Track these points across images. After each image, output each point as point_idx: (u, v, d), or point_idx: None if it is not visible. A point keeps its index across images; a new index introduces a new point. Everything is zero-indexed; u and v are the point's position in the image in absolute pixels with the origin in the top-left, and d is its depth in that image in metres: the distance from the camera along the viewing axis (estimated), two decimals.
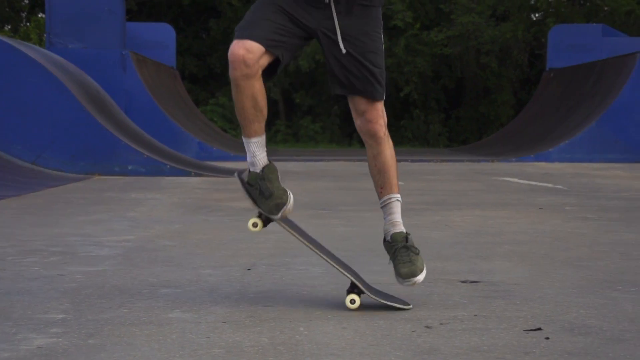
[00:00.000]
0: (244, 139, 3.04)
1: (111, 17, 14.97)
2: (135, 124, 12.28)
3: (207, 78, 26.96)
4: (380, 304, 3.03)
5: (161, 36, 19.36)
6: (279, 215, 2.96)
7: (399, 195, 3.25)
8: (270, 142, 24.69)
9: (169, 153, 11.89)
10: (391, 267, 3.16)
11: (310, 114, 26.35)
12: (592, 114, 16.38)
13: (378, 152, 3.13)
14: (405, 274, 3.05)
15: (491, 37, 23.85)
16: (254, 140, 3.02)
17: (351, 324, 2.80)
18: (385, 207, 3.25)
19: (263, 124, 3.03)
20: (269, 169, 3.02)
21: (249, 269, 3.85)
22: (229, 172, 11.55)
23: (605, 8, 24.42)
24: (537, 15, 26.15)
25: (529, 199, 7.86)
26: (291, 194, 3.03)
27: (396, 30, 24.63)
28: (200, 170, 11.22)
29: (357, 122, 3.10)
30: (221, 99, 24.52)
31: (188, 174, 10.79)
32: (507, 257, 4.30)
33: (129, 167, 10.77)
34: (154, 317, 2.88)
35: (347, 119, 26.84)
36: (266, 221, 3.02)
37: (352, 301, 3.00)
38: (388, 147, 3.14)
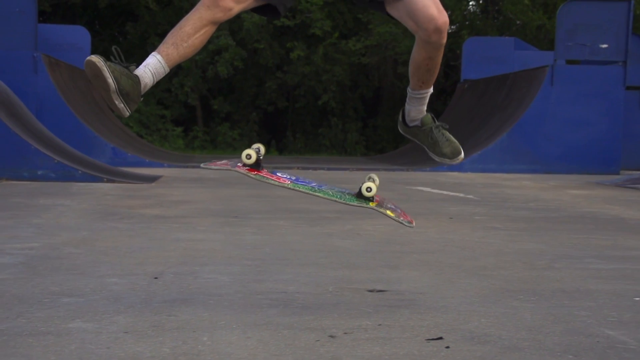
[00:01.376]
0: (155, 54, 2.95)
1: (22, 18, 14.60)
2: (46, 128, 11.99)
3: None
4: None
5: (76, 39, 18.98)
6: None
7: (432, 89, 3.27)
8: (187, 149, 24.46)
9: (81, 158, 11.65)
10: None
11: (229, 120, 26.23)
12: (504, 125, 16.75)
13: (436, 54, 3.05)
14: (451, 152, 3.19)
15: (408, 47, 24.16)
16: (158, 56, 2.93)
17: (255, 334, 2.79)
18: (421, 98, 3.25)
19: (177, 56, 2.96)
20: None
21: (155, 278, 3.80)
22: (143, 179, 11.40)
23: (518, 22, 25.05)
24: (452, 27, 26.63)
25: (440, 209, 7.98)
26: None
27: (315, 39, 24.75)
28: (113, 176, 11.03)
29: (423, 25, 2.93)
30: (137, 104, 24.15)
31: (100, 180, 10.59)
32: (414, 267, 4.36)
33: (39, 172, 10.51)
34: (53, 327, 2.81)
35: (265, 126, 26.82)
36: (258, 154, 3.09)
37: (369, 189, 3.12)
38: (442, 52, 3.07)
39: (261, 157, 3.07)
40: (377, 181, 3.13)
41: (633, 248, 5.20)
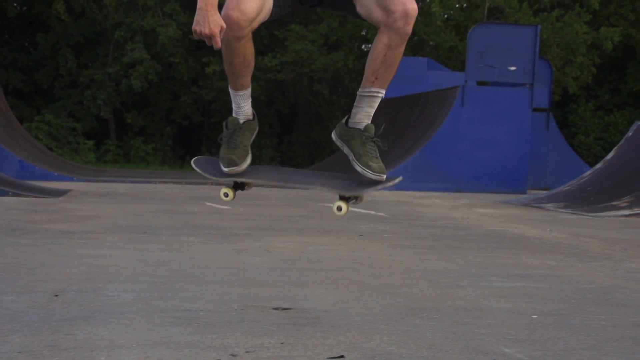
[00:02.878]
0: (230, 90, 3.08)
1: None
2: None
3: (33, 94, 25.95)
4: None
5: None
6: (227, 170, 3.03)
7: (384, 93, 3.16)
8: (100, 162, 24.03)
9: None
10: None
11: (142, 134, 25.88)
12: (416, 143, 17.01)
13: (397, 44, 3.02)
14: (376, 168, 3.11)
15: (323, 65, 24.35)
16: (240, 93, 3.12)
17: (155, 353, 2.75)
18: (369, 97, 3.14)
19: (250, 77, 3.07)
20: (249, 124, 3.05)
21: (56, 295, 3.71)
22: (50, 193, 11.13)
23: (431, 43, 25.50)
24: (368, 46, 26.95)
25: (351, 226, 8.03)
26: (249, 159, 3.10)
27: None
28: (19, 190, 10.74)
29: (392, 8, 2.96)
30: (47, 116, 23.67)
31: (5, 194, 10.30)
32: (321, 284, 4.37)
33: None
34: None
35: (180, 141, 26.56)
36: (236, 188, 3.02)
37: (339, 208, 2.95)
38: (404, 45, 3.05)
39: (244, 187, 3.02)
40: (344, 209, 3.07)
41: (534, 266, 5.33)
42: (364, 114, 3.14)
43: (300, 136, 26.93)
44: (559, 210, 11.37)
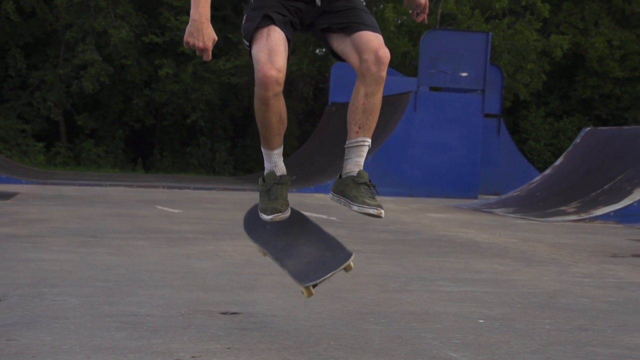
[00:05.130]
0: (265, 150, 3.16)
1: None
2: None
3: None
4: None
5: None
6: (270, 217, 3.05)
7: (370, 141, 3.18)
8: (50, 165, 23.70)
9: None
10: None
11: (94, 137, 25.59)
12: (370, 148, 17.06)
13: (374, 91, 3.05)
14: (373, 203, 3.06)
15: None
16: (276, 151, 3.16)
17: (99, 358, 2.71)
18: (356, 147, 3.15)
19: (283, 135, 3.11)
20: (285, 178, 3.16)
21: None
22: None
23: None
24: (322, 50, 27.00)
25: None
26: (290, 209, 3.11)
27: (184, 57, 24.54)
28: None
29: (364, 56, 3.03)
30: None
31: None
32: (271, 289, 4.36)
33: None
34: None
35: (131, 143, 26.31)
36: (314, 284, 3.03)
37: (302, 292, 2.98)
38: (382, 90, 3.08)
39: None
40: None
41: (483, 271, 5.38)
42: (354, 164, 3.17)
43: (254, 140, 26.85)
44: (508, 215, 11.50)
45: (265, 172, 3.18)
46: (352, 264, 3.16)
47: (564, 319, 3.74)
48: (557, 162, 13.99)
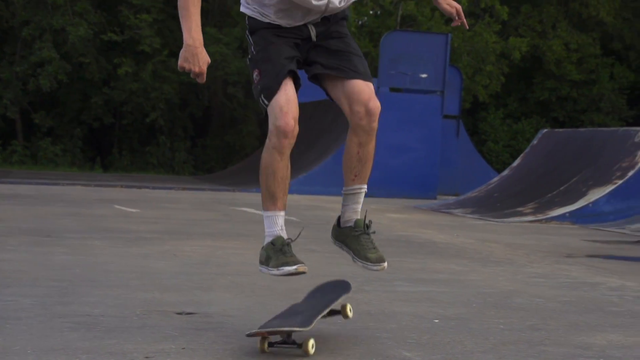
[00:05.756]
0: (271, 213, 3.16)
1: None
2: None
3: None
4: None
5: None
6: (295, 267, 3.04)
7: (366, 187, 3.25)
8: (6, 164, 23.36)
9: None
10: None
11: (51, 135, 25.28)
12: (330, 148, 17.10)
13: (367, 141, 3.14)
14: (375, 259, 3.11)
15: (238, 68, 24.24)
16: (282, 212, 3.16)
17: (51, 359, 2.68)
18: (353, 195, 3.23)
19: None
20: (290, 240, 3.16)
21: None
22: None
23: None
24: None
25: (262, 230, 8.00)
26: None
27: (143, 56, 24.35)
28: None
29: (355, 108, 3.10)
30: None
31: None
32: (228, 289, 4.35)
33: None
34: None
35: (90, 142, 26.04)
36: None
37: (313, 346, 2.90)
38: (374, 139, 3.16)
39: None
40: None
41: (439, 271, 5.42)
42: (352, 212, 3.24)
43: (214, 140, 26.72)
44: (466, 216, 11.60)
45: (271, 238, 3.17)
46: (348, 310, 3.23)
47: (517, 318, 3.78)
48: (515, 164, 14.13)
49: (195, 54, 2.95)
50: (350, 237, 3.20)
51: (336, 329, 3.39)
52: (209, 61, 2.99)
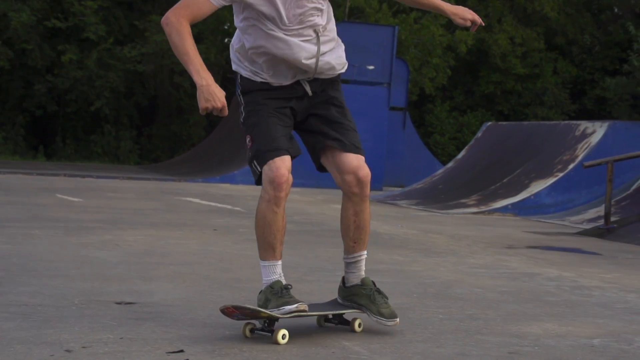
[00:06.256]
0: (269, 263, 3.23)
1: None
2: None
3: None
4: None
5: None
6: (296, 306, 3.04)
7: (366, 252, 3.37)
8: None
9: None
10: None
11: None
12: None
13: (362, 209, 3.25)
14: (389, 314, 3.20)
15: None
16: (280, 262, 3.23)
17: None
18: (355, 263, 3.34)
19: None
20: (288, 286, 3.19)
21: None
22: None
23: None
24: (230, 39, 26.82)
25: (206, 220, 7.99)
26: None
27: (88, 43, 23.98)
28: None
29: (347, 178, 3.22)
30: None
31: None
32: (169, 278, 4.32)
33: None
34: None
35: (32, 130, 25.59)
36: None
37: (283, 336, 2.97)
38: (369, 206, 3.28)
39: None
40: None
41: (382, 261, 5.46)
42: (357, 276, 3.33)
43: (160, 129, 26.47)
44: (411, 207, 11.69)
45: (269, 283, 3.21)
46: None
47: (457, 308, 3.83)
48: (459, 156, 14.29)
49: (211, 92, 2.98)
50: (360, 294, 3.28)
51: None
52: (224, 92, 3.02)
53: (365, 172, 3.21)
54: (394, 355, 2.86)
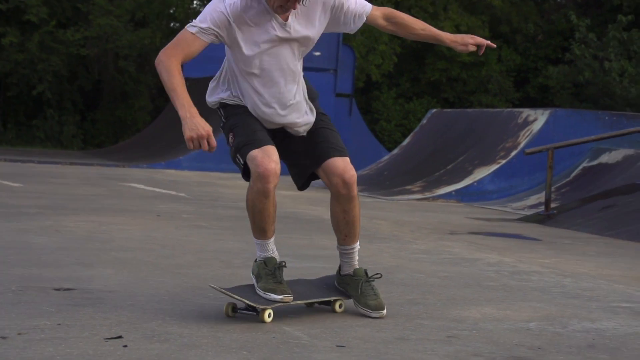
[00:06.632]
0: (261, 241, 3.30)
1: None
2: None
3: None
4: None
5: None
6: (281, 297, 3.13)
7: (359, 244, 3.48)
8: None
9: None
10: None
11: None
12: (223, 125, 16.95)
13: (350, 207, 3.35)
14: (375, 306, 3.30)
15: (129, 41, 23.74)
16: (272, 239, 3.31)
17: None
18: (347, 254, 3.44)
19: None
20: (283, 263, 3.30)
21: None
22: None
23: None
24: (176, 24, 26.55)
25: (150, 206, 7.92)
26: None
27: (30, 26, 23.52)
28: None
29: (334, 180, 3.30)
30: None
31: None
32: (110, 264, 4.28)
33: None
34: None
35: None
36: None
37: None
38: (358, 203, 3.39)
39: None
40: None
41: (326, 247, 5.47)
42: (349, 266, 3.43)
43: (104, 114, 26.11)
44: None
45: (263, 258, 3.29)
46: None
47: (398, 293, 3.87)
48: (405, 143, 14.39)
49: (195, 122, 3.00)
50: (352, 284, 3.38)
51: (218, 304, 3.38)
52: (211, 127, 3.03)
53: (351, 174, 3.31)
54: (334, 339, 2.88)
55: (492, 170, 11.41)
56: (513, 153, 11.50)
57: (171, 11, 25.79)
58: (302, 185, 3.46)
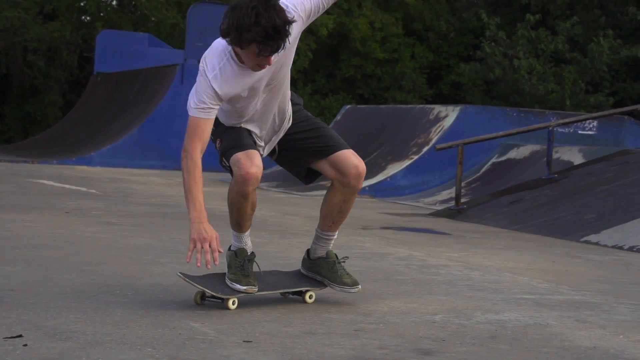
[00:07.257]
0: (237, 233, 3.44)
1: None
2: None
3: None
4: None
5: None
6: (244, 288, 3.29)
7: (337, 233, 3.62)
8: None
9: None
10: None
11: None
12: (135, 120, 16.73)
13: (352, 197, 3.47)
14: (352, 282, 3.50)
15: (38, 34, 23.15)
16: (247, 233, 3.45)
17: None
18: (328, 239, 3.57)
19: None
20: (253, 255, 3.44)
21: None
22: None
23: (153, 18, 25.15)
24: (87, 18, 26.01)
25: (59, 203, 7.75)
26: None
27: None
28: None
29: (349, 171, 3.38)
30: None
31: None
32: (14, 262, 4.17)
33: None
34: None
35: None
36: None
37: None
38: (355, 196, 3.50)
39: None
40: None
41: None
42: (323, 249, 3.57)
43: (13, 109, 25.43)
44: (271, 189, 11.75)
45: (235, 248, 3.45)
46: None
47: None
48: None
49: (203, 227, 3.14)
50: (324, 266, 3.53)
51: (125, 301, 3.33)
52: (217, 233, 3.16)
53: (363, 166, 3.43)
54: (242, 335, 2.87)
55: (404, 165, 11.56)
56: (425, 149, 11.67)
57: (82, 4, 25.26)
58: (305, 178, 3.57)
